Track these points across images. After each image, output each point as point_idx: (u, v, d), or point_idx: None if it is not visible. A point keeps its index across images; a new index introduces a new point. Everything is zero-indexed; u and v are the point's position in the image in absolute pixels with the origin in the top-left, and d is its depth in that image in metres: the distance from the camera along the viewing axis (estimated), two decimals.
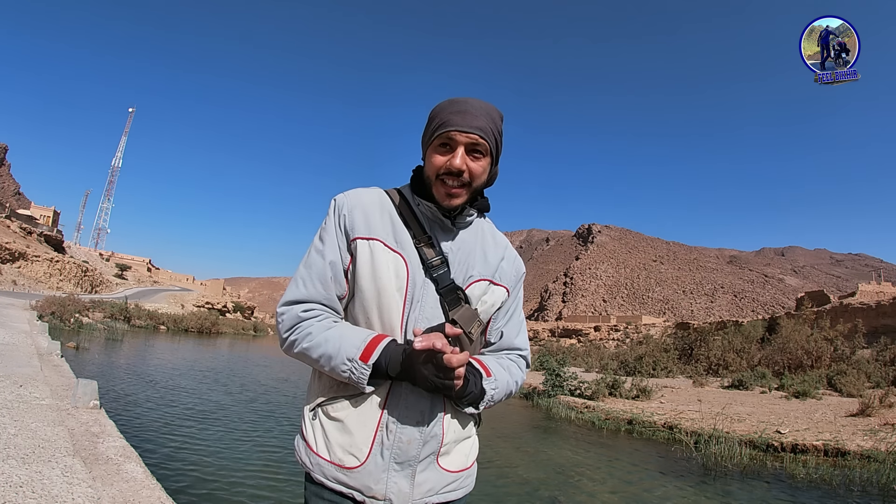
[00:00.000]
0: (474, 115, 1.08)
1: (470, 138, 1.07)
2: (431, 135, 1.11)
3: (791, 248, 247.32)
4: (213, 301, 59.48)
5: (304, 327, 1.07)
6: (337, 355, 1.01)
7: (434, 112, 1.12)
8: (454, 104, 1.10)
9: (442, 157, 1.09)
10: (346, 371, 1.00)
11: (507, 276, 1.21)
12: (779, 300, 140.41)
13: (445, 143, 1.09)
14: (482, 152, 1.10)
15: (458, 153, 1.07)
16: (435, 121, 1.10)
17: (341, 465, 1.06)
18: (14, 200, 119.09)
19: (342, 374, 1.01)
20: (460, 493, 1.16)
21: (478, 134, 1.07)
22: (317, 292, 1.09)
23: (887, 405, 10.43)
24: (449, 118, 1.08)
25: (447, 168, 1.08)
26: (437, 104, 1.13)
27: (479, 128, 1.07)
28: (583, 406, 12.68)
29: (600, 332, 63.71)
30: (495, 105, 1.13)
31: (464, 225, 1.18)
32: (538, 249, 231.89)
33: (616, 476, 6.96)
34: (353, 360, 0.99)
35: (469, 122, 1.07)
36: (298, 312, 1.08)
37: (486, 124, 1.09)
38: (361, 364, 0.99)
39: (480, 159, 1.10)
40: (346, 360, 1.00)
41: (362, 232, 1.11)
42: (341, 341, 1.02)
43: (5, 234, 50.63)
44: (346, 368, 1.00)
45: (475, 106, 1.09)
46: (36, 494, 2.72)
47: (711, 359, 20.91)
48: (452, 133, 1.07)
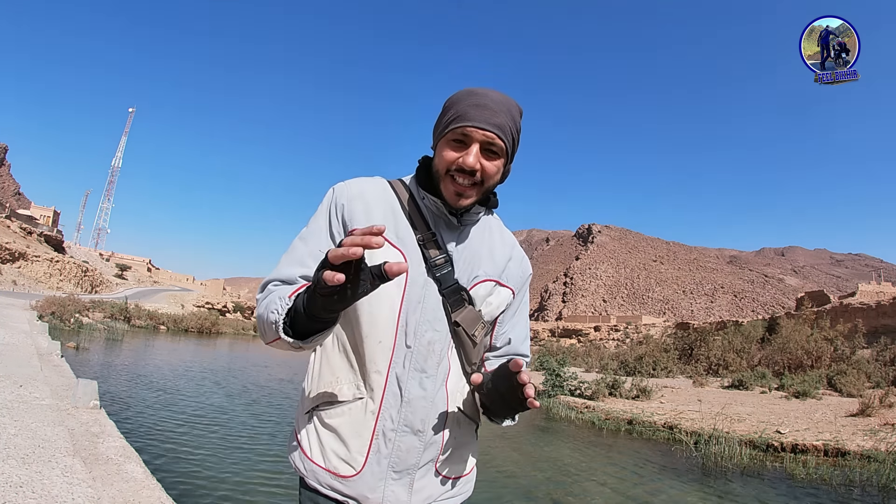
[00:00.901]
0: (494, 110, 0.99)
1: (486, 136, 0.98)
2: (445, 127, 1.01)
3: (791, 248, 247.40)
4: (213, 301, 59.45)
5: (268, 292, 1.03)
6: (273, 299, 0.96)
7: (450, 102, 1.03)
8: (473, 95, 1.00)
9: (455, 152, 1.00)
10: (275, 310, 0.92)
11: (513, 277, 1.15)
12: (779, 300, 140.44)
13: (460, 139, 1.00)
14: (498, 152, 1.01)
15: (472, 150, 0.99)
16: (450, 112, 1.01)
17: (336, 474, 1.01)
18: (14, 200, 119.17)
19: (271, 314, 0.92)
20: (459, 499, 1.12)
21: (495, 133, 0.98)
22: (288, 274, 1.04)
23: (887, 405, 10.43)
24: (466, 111, 0.99)
25: (459, 165, 0.99)
26: (455, 93, 1.04)
27: (498, 125, 0.99)
28: (583, 406, 12.67)
29: (600, 332, 63.75)
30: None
31: (471, 222, 1.10)
32: (538, 249, 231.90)
33: (616, 476, 6.95)
34: (282, 298, 0.92)
35: (487, 119, 0.98)
36: (269, 286, 1.04)
37: (505, 121, 1.00)
38: (285, 299, 0.91)
39: (495, 159, 1.02)
40: (278, 299, 0.93)
41: (362, 223, 1.03)
42: (283, 290, 0.98)
43: (5, 234, 50.64)
44: (274, 307, 0.92)
45: (495, 100, 1.00)
46: (36, 494, 2.72)
47: (711, 359, 20.92)
48: (469, 129, 0.98)
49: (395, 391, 1.01)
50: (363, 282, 0.77)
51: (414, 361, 1.02)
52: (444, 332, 1.05)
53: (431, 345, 1.03)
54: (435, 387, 1.04)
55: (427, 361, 1.03)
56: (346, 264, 0.75)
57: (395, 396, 1.01)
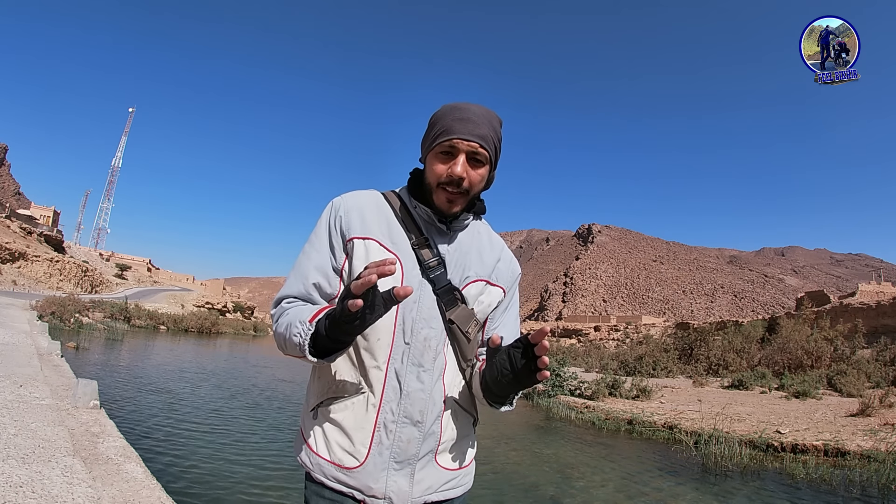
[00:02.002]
0: (476, 122, 1.09)
1: (471, 147, 1.08)
2: (433, 141, 1.12)
3: (791, 248, 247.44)
4: (213, 301, 59.42)
5: (283, 310, 1.12)
6: (294, 322, 1.03)
7: (435, 118, 1.13)
8: (456, 110, 1.11)
9: (443, 164, 1.10)
10: (297, 333, 1.00)
11: (503, 276, 1.23)
12: (779, 300, 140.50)
13: (447, 151, 1.10)
14: (482, 160, 1.11)
15: (459, 161, 1.09)
16: (436, 127, 1.11)
17: (341, 466, 1.07)
18: (14, 200, 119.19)
19: (294, 337, 1.01)
20: (459, 490, 1.17)
21: (479, 143, 1.09)
22: (298, 289, 1.13)
23: (887, 405, 10.43)
24: (451, 125, 1.09)
25: (449, 176, 1.09)
26: (439, 109, 1.14)
27: (481, 136, 1.09)
28: (583, 406, 12.67)
29: (600, 332, 63.74)
30: (495, 110, 1.15)
31: (460, 227, 1.19)
32: (538, 249, 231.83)
33: (616, 476, 6.95)
34: (303, 322, 1.00)
35: (471, 130, 1.08)
36: (283, 304, 1.14)
37: (487, 132, 1.10)
38: (306, 324, 0.99)
39: (480, 167, 1.12)
40: (299, 322, 1.01)
41: (358, 232, 1.13)
42: (302, 312, 1.04)
43: (5, 234, 50.63)
44: (297, 331, 1.00)
45: (477, 113, 1.10)
46: (36, 494, 2.72)
47: (711, 359, 20.91)
48: (455, 141, 1.08)
49: (395, 385, 1.08)
50: (378, 306, 0.91)
51: (411, 357, 1.09)
52: (440, 330, 1.12)
53: (427, 341, 1.10)
54: (432, 380, 1.11)
55: (424, 357, 1.10)
56: (364, 293, 0.87)
57: (394, 390, 1.08)
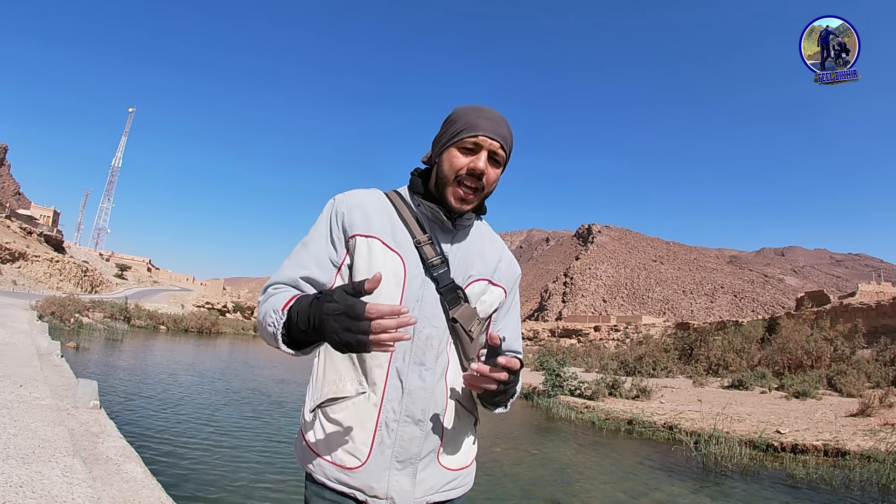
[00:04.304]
0: (498, 123, 1.12)
1: (493, 145, 1.10)
2: (454, 136, 1.11)
3: (791, 248, 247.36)
4: (213, 301, 59.34)
5: (267, 297, 1.08)
6: (268, 311, 1.00)
7: (458, 114, 1.13)
8: (479, 110, 1.12)
9: (465, 157, 1.11)
10: (272, 323, 0.96)
11: (504, 276, 1.24)
12: (779, 300, 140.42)
13: (470, 147, 1.11)
14: (500, 161, 1.13)
15: (482, 156, 1.10)
16: (458, 123, 1.12)
17: (342, 466, 1.06)
18: (14, 200, 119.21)
19: (269, 327, 0.97)
20: (460, 491, 1.17)
21: (500, 143, 1.11)
22: (289, 276, 1.11)
23: (887, 405, 10.43)
24: (477, 122, 1.10)
25: (469, 169, 1.10)
26: (459, 107, 1.15)
27: (503, 137, 1.11)
28: (583, 406, 12.68)
29: (600, 332, 63.67)
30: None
31: (463, 227, 1.19)
32: (538, 249, 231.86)
33: (616, 476, 6.96)
34: (276, 311, 0.97)
35: (494, 130, 1.10)
36: (269, 290, 1.10)
37: (506, 134, 1.13)
38: (279, 312, 0.96)
39: (497, 168, 1.14)
40: (273, 311, 0.98)
41: (361, 229, 1.12)
42: (278, 298, 1.01)
43: (5, 234, 50.64)
44: (271, 321, 0.97)
45: (498, 115, 1.13)
46: (36, 494, 2.72)
47: (711, 359, 20.90)
48: (480, 137, 1.09)
49: (397, 384, 1.08)
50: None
51: (413, 355, 1.09)
52: (442, 329, 1.12)
53: (429, 340, 1.10)
54: (434, 379, 1.10)
55: (426, 355, 1.09)
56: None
57: (396, 389, 1.07)
